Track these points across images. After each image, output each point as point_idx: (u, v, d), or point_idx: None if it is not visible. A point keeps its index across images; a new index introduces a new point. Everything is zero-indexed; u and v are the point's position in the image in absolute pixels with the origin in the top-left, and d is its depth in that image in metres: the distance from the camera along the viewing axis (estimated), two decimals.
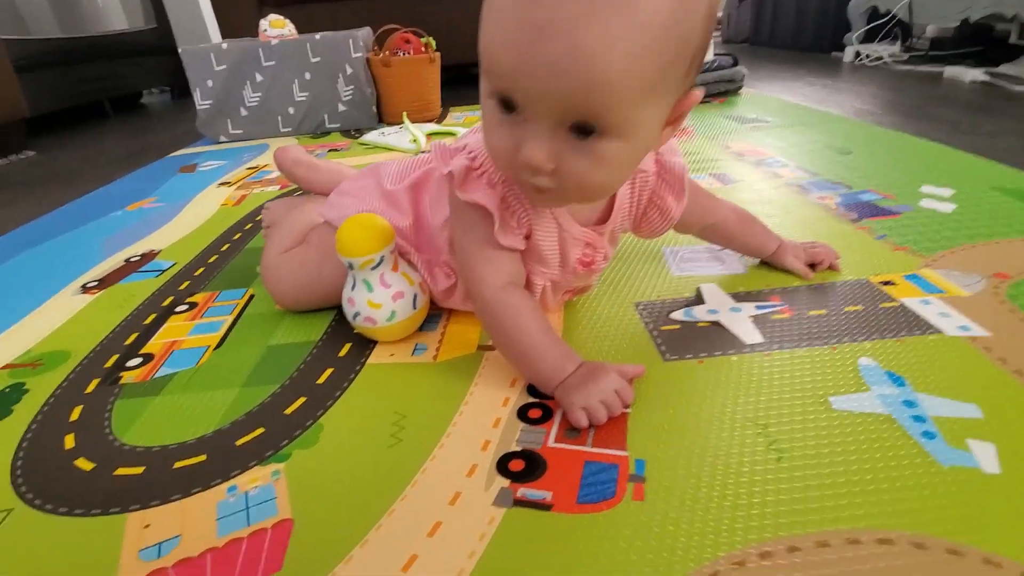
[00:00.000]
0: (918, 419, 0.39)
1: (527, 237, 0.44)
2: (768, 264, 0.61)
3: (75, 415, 0.46)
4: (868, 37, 2.11)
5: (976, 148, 0.96)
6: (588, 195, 0.38)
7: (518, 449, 0.39)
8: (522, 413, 0.43)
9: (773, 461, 0.36)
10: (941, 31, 2.02)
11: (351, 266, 0.48)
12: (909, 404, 0.40)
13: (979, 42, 1.89)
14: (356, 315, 0.49)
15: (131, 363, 0.53)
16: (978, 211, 0.71)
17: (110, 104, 2.24)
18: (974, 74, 1.57)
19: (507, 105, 0.33)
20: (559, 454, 0.38)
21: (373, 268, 0.48)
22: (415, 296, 0.50)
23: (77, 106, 2.00)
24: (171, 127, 1.90)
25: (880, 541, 0.31)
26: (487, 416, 0.42)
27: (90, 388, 0.50)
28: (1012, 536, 0.30)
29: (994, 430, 0.37)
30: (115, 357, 0.55)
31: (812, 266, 0.58)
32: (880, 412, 0.40)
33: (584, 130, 0.32)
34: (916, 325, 0.49)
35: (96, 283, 0.72)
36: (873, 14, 2.09)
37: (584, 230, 0.46)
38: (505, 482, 0.36)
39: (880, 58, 1.96)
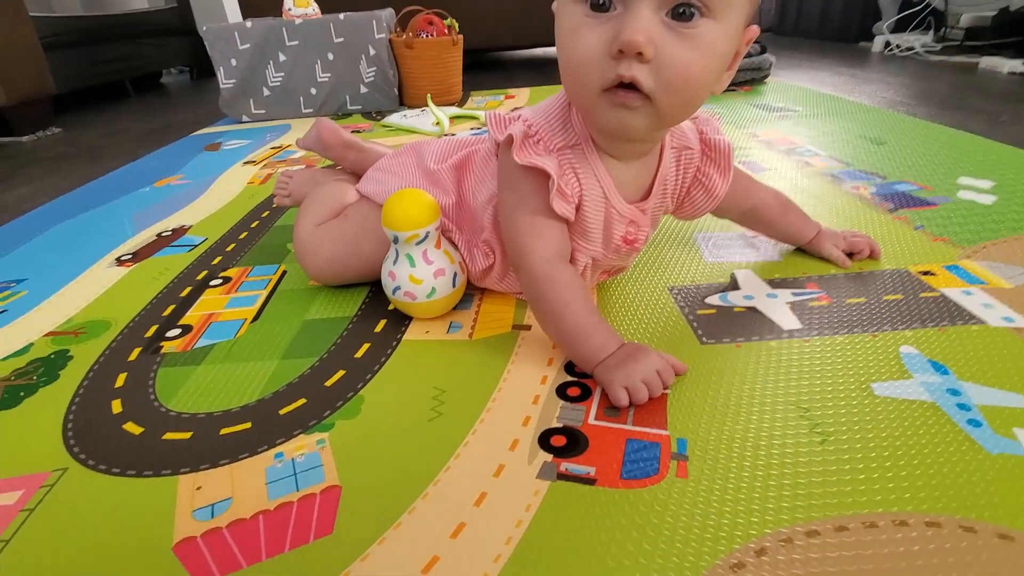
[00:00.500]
0: (963, 407, 0.39)
1: (576, 209, 0.44)
2: (803, 251, 0.60)
3: (120, 382, 0.47)
4: (898, 27, 2.06)
5: (1017, 140, 0.94)
6: (685, 96, 0.36)
7: (559, 426, 0.39)
8: (561, 391, 0.43)
9: (817, 444, 0.36)
10: (977, 20, 1.96)
11: (396, 240, 0.48)
12: (953, 392, 0.40)
13: (1018, 32, 1.83)
14: (396, 289, 0.49)
15: (171, 333, 0.54)
16: (1022, 203, 0.69)
17: (131, 84, 2.25)
18: (1013, 65, 1.53)
19: (599, 5, 0.35)
20: (600, 431, 0.39)
21: (418, 243, 0.48)
22: (455, 275, 0.50)
23: (99, 85, 2.02)
24: (192, 107, 1.91)
25: (929, 524, 0.31)
26: (526, 393, 0.43)
27: (132, 356, 0.51)
28: None
29: None
30: (155, 327, 0.56)
31: (850, 255, 0.58)
32: (924, 399, 0.39)
33: (685, 12, 0.34)
34: (958, 315, 0.48)
35: (130, 256, 0.73)
36: (905, 2, 2.04)
37: (629, 207, 0.46)
38: (548, 457, 0.37)
39: (911, 48, 1.92)
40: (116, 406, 0.44)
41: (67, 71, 1.78)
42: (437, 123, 1.29)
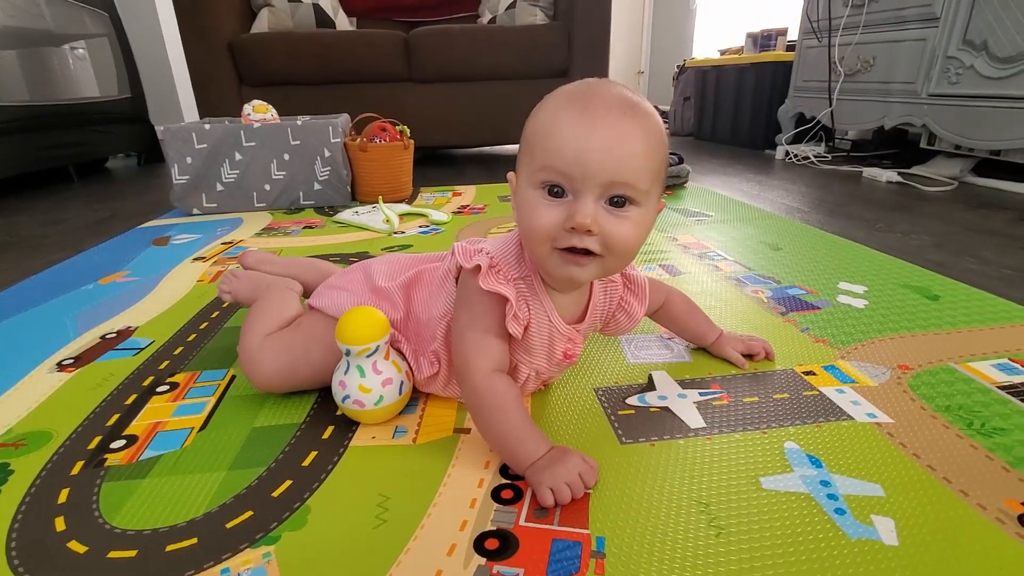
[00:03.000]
0: (832, 497, 0.46)
1: (524, 330, 0.52)
2: (709, 353, 0.69)
3: (63, 497, 0.48)
4: (797, 138, 2.38)
5: (890, 245, 1.11)
6: (626, 256, 0.47)
7: (493, 528, 0.43)
8: (495, 494, 0.47)
9: (713, 537, 0.42)
10: (861, 134, 2.29)
11: (348, 352, 0.53)
12: (825, 484, 0.47)
13: (895, 145, 2.16)
14: (345, 398, 0.53)
15: (115, 445, 0.55)
16: (887, 307, 0.82)
17: (75, 169, 2.24)
18: (889, 175, 1.79)
19: (554, 192, 0.45)
20: (529, 532, 0.43)
21: (368, 356, 0.53)
22: (401, 383, 0.55)
23: (40, 171, 1.99)
24: (139, 195, 1.91)
25: None
26: (464, 497, 0.47)
27: (75, 470, 0.52)
28: None
29: (894, 507, 0.44)
30: (98, 439, 0.56)
31: (749, 357, 0.67)
32: (801, 491, 0.46)
33: (618, 202, 0.45)
34: (832, 412, 0.57)
35: (72, 361, 0.73)
36: (800, 118, 2.37)
37: (568, 327, 0.55)
38: (482, 560, 0.40)
39: (807, 157, 2.21)
40: (60, 523, 0.45)
41: (8, 157, 1.77)
42: (387, 221, 1.37)
